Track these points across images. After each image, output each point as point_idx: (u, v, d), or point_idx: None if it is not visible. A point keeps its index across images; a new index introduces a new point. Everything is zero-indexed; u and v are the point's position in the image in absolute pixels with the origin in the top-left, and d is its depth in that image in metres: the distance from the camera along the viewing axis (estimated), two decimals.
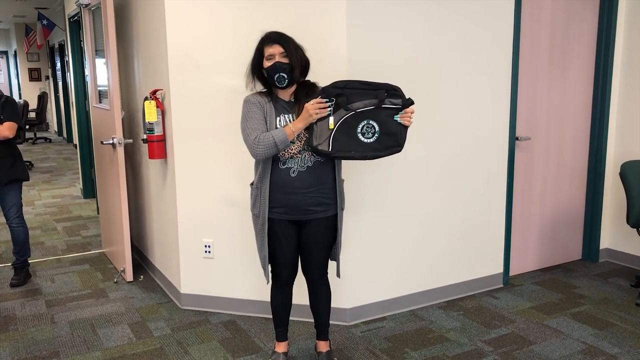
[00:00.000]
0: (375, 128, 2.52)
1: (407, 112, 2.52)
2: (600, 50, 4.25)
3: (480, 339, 3.23)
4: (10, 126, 3.86)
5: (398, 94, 2.51)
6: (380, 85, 2.51)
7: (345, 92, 2.48)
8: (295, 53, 2.53)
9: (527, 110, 4.03)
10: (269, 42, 2.54)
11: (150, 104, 3.57)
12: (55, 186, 7.86)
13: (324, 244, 2.73)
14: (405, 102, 2.51)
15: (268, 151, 2.48)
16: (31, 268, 4.47)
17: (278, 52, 2.51)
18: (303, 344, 3.17)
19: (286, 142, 2.47)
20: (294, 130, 2.48)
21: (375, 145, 2.53)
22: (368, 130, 2.52)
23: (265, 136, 2.48)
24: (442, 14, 3.42)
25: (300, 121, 2.48)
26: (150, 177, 4.09)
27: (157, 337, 3.29)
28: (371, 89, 2.50)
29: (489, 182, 3.82)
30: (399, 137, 2.54)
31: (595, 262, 4.48)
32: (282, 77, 2.51)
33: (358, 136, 2.51)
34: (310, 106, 2.45)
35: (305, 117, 2.47)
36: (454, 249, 3.75)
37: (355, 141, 2.51)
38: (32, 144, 12.46)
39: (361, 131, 2.51)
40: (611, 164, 4.41)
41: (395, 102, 2.51)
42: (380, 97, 2.49)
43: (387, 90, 2.50)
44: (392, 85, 2.51)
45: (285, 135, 2.47)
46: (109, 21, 3.82)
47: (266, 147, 2.47)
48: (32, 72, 14.62)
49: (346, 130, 2.50)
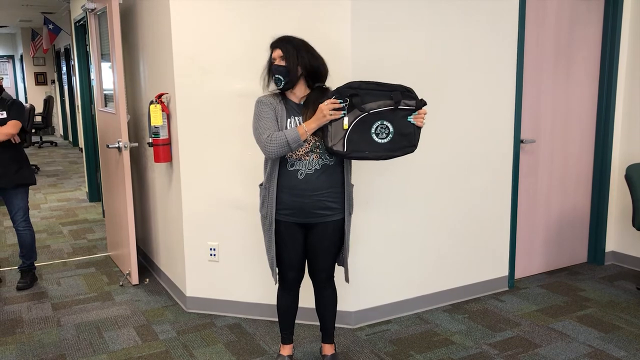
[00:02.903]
0: (390, 129, 2.53)
1: (420, 113, 2.55)
2: (605, 53, 4.24)
3: (486, 342, 3.22)
4: (14, 124, 3.87)
5: (412, 96, 2.54)
6: (394, 86, 2.53)
7: (359, 93, 2.50)
8: (296, 56, 2.55)
9: (532, 112, 4.03)
10: (272, 46, 2.61)
11: (155, 107, 3.58)
12: (61, 189, 7.89)
13: (331, 248, 2.73)
14: (419, 103, 2.54)
15: (280, 149, 2.50)
16: (37, 271, 4.48)
17: (278, 55, 2.56)
18: (308, 347, 3.17)
19: (298, 141, 2.49)
20: (306, 130, 2.49)
21: (389, 145, 2.54)
22: (382, 130, 2.53)
23: (277, 135, 2.50)
24: (446, 17, 3.43)
25: (314, 121, 2.50)
26: (156, 180, 4.11)
27: (162, 340, 3.30)
28: (385, 90, 2.51)
29: (494, 185, 3.81)
30: (412, 138, 2.56)
31: (601, 265, 4.47)
32: (278, 79, 2.56)
33: (372, 137, 2.52)
34: (324, 107, 2.47)
35: (319, 117, 2.48)
36: (459, 252, 3.75)
37: (369, 142, 2.52)
38: (38, 148, 12.51)
39: (375, 132, 2.52)
40: (617, 167, 4.40)
41: (410, 103, 2.53)
42: (396, 99, 2.50)
43: (402, 92, 2.52)
44: (405, 87, 2.53)
45: (298, 135, 2.48)
46: (114, 25, 3.84)
47: (278, 145, 2.49)
48: (38, 76, 14.68)
49: (360, 130, 2.51)
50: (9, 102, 3.96)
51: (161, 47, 3.65)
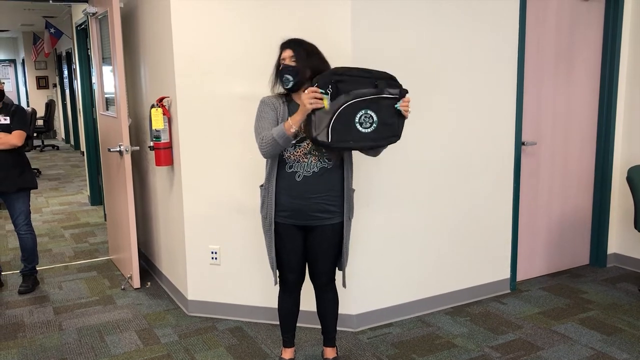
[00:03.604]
0: (374, 118, 2.51)
1: (404, 101, 2.53)
2: (606, 54, 4.24)
3: (488, 344, 3.22)
4: (19, 135, 3.91)
5: (395, 84, 2.52)
6: (378, 73, 2.51)
7: (344, 79, 2.47)
8: (306, 58, 2.55)
9: (533, 115, 4.03)
10: (283, 47, 2.62)
11: (156, 111, 3.59)
12: (63, 193, 7.90)
13: (330, 251, 2.73)
14: (402, 91, 2.52)
15: (271, 148, 2.51)
16: (39, 275, 4.49)
17: (288, 55, 2.56)
18: (310, 351, 3.17)
19: (284, 136, 2.47)
20: (292, 124, 2.47)
21: (373, 135, 2.52)
22: (366, 120, 2.51)
23: (267, 134, 2.52)
24: (447, 18, 3.43)
25: (298, 113, 2.47)
26: (157, 184, 4.11)
27: (164, 343, 3.30)
28: (369, 77, 2.50)
29: (495, 187, 3.81)
30: (395, 127, 2.55)
31: (603, 267, 4.46)
32: (287, 78, 2.55)
33: (356, 126, 2.50)
34: (305, 96, 2.43)
35: (301, 108, 2.46)
36: (460, 255, 3.74)
37: (353, 131, 2.50)
38: (39, 152, 12.53)
39: (359, 121, 2.50)
40: (618, 169, 4.39)
41: (393, 92, 2.51)
42: (380, 87, 2.49)
43: (386, 80, 2.51)
44: (389, 75, 2.52)
45: (283, 130, 2.47)
46: (115, 29, 3.85)
47: (268, 143, 2.51)
48: (39, 80, 14.71)
49: (344, 120, 2.48)
50: (12, 108, 3.98)
51: (162, 51, 3.65)
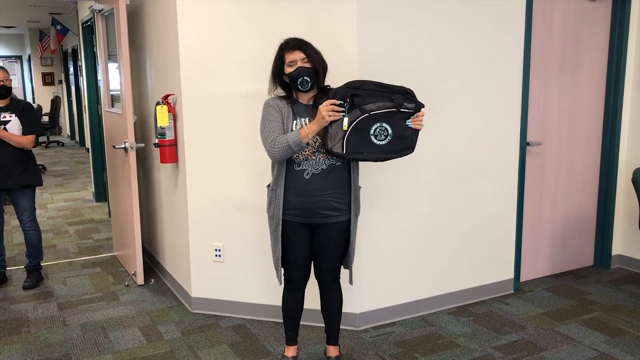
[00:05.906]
0: (388, 131, 2.53)
1: (418, 116, 2.55)
2: (613, 55, 4.23)
3: (491, 345, 3.21)
4: (32, 139, 4.00)
5: (412, 99, 2.53)
6: (394, 88, 2.52)
7: (359, 93, 2.49)
8: (317, 58, 2.56)
9: (539, 115, 4.02)
10: (289, 49, 2.57)
11: (162, 108, 3.60)
12: (68, 189, 7.92)
13: (336, 249, 2.73)
14: (418, 106, 2.54)
15: (283, 153, 2.51)
16: (43, 271, 4.50)
17: (299, 57, 2.54)
18: (312, 349, 3.17)
19: (300, 144, 2.49)
20: (307, 133, 2.48)
21: (387, 147, 2.55)
22: (381, 132, 2.53)
23: (280, 139, 2.51)
24: (453, 19, 3.42)
25: (315, 124, 2.49)
26: (162, 181, 4.12)
27: (167, 340, 3.31)
28: (386, 91, 2.51)
29: (500, 188, 3.80)
30: (410, 141, 2.57)
31: (607, 269, 4.44)
32: (306, 80, 2.54)
33: (371, 138, 2.52)
34: (323, 108, 2.45)
35: (319, 119, 2.47)
36: (464, 255, 3.74)
37: (368, 143, 2.52)
38: (45, 148, 12.57)
39: (374, 133, 2.52)
40: (623, 170, 4.37)
41: (409, 106, 2.53)
42: (397, 102, 2.50)
43: (403, 95, 2.52)
44: (406, 89, 2.53)
45: (299, 138, 2.48)
46: (121, 26, 3.86)
47: (281, 149, 2.50)
48: (45, 76, 14.76)
49: (359, 132, 2.51)
50: (21, 105, 4.00)
51: (168, 48, 3.66)
